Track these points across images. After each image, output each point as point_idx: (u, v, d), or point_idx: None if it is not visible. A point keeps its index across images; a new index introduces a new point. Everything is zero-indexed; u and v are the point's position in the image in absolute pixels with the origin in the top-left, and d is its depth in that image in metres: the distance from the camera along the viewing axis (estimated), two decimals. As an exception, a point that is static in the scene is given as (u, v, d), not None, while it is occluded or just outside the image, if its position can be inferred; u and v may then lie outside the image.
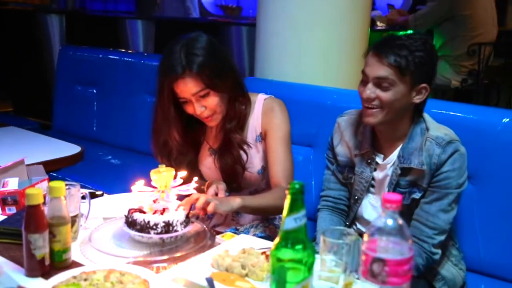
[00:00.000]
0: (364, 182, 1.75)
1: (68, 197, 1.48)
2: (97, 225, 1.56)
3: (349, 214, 1.85)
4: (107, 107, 3.46)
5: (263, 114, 1.84)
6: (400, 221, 0.98)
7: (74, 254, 1.40)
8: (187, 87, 1.65)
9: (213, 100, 1.70)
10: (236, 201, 1.61)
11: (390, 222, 0.98)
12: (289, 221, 1.02)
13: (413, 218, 1.66)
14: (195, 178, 1.58)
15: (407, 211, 1.69)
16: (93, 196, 1.76)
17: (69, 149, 2.45)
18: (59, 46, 5.30)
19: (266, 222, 1.97)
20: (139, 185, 1.50)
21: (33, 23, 5.48)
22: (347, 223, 1.86)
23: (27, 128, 3.89)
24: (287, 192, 1.01)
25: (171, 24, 4.76)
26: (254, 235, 1.80)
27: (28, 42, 5.47)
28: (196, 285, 1.26)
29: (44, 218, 1.29)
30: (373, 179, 1.75)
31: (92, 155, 2.89)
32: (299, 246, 1.03)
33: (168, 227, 1.45)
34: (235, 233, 1.75)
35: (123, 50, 4.34)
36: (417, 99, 1.62)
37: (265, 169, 1.88)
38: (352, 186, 1.80)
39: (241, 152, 1.81)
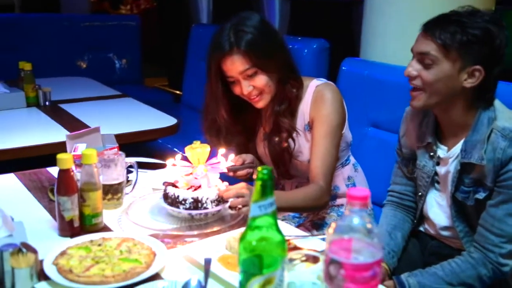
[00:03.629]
0: (426, 177, 1.56)
1: (113, 165, 1.55)
2: (143, 195, 1.62)
3: (416, 212, 1.66)
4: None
5: (312, 102, 1.72)
6: (368, 220, 0.85)
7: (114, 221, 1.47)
8: (235, 65, 1.61)
9: (261, 79, 1.63)
10: None
11: (356, 221, 0.85)
12: (254, 208, 0.94)
13: (479, 223, 1.44)
14: (231, 157, 1.54)
15: (475, 215, 1.47)
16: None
17: (167, 121, 2.55)
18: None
19: (334, 210, 1.87)
20: (176, 159, 1.51)
21: (186, 2, 5.82)
22: (415, 222, 1.68)
23: (160, 101, 4.21)
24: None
25: (306, 3, 4.68)
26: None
27: (181, 21, 5.83)
28: (199, 265, 1.24)
29: (73, 182, 1.37)
30: (436, 174, 1.55)
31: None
32: (264, 236, 0.95)
33: (196, 203, 1.44)
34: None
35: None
36: (468, 83, 1.40)
37: None
38: (416, 181, 1.61)
39: (290, 139, 1.72)
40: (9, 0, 5.93)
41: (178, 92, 5.05)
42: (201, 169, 1.48)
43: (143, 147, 2.98)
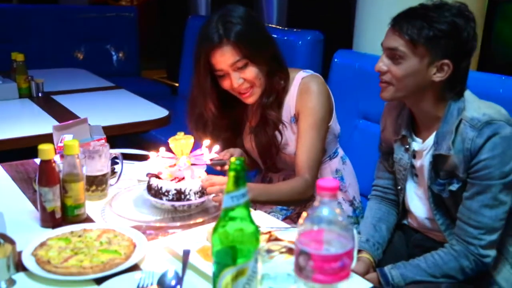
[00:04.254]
0: (403, 170, 1.56)
1: (97, 156, 1.55)
2: (128, 186, 1.61)
3: (399, 206, 1.66)
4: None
5: (298, 94, 1.71)
6: (338, 210, 0.84)
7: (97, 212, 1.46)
8: (224, 57, 1.59)
9: (251, 71, 1.62)
10: (250, 195, 1.51)
11: (326, 211, 0.85)
12: (226, 199, 0.93)
13: (457, 216, 1.44)
14: (216, 148, 1.53)
15: (453, 207, 1.46)
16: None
17: (159, 112, 2.55)
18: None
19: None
20: (160, 151, 1.51)
21: (184, -5, 5.81)
22: (399, 216, 1.68)
23: (156, 92, 4.21)
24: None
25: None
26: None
27: (180, 12, 5.82)
28: (178, 256, 1.24)
29: (54, 173, 1.36)
30: (414, 167, 1.54)
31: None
32: (237, 227, 0.94)
33: (179, 195, 1.44)
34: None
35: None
36: (437, 77, 1.40)
37: None
38: (395, 175, 1.61)
39: (276, 132, 1.71)
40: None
41: (176, 84, 5.05)
42: (184, 160, 1.47)
43: (136, 138, 2.98)
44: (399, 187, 1.62)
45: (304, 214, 0.90)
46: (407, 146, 1.54)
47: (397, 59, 1.41)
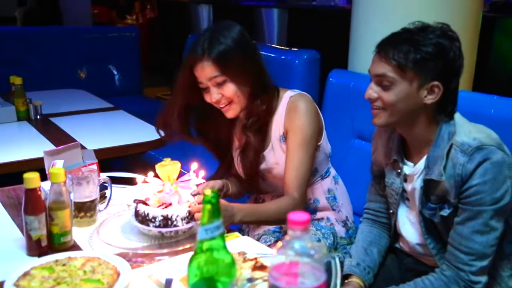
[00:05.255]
0: (394, 194, 1.54)
1: (85, 183, 1.55)
2: (117, 212, 1.61)
3: (391, 229, 1.64)
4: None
5: (286, 113, 1.71)
6: (310, 244, 0.83)
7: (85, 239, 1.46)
8: (204, 71, 1.62)
9: (229, 88, 1.64)
10: (237, 217, 1.52)
11: (297, 245, 0.83)
12: (201, 232, 0.93)
13: (448, 241, 1.42)
14: (201, 174, 1.53)
15: (445, 231, 1.45)
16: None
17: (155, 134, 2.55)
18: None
19: (314, 224, 1.86)
20: (148, 176, 1.51)
21: (187, 13, 5.86)
22: (391, 239, 1.66)
23: (157, 111, 4.21)
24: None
25: (303, 12, 4.68)
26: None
27: (183, 30, 5.87)
28: (161, 285, 1.23)
29: (40, 202, 1.36)
30: (405, 191, 1.53)
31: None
32: (212, 259, 0.94)
33: (166, 221, 1.43)
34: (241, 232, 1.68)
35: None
36: (429, 99, 1.39)
37: None
38: (387, 198, 1.60)
39: (258, 157, 1.72)
40: (11, 13, 6.00)
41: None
42: (169, 186, 1.47)
43: (134, 159, 2.98)
44: (391, 211, 1.60)
45: (279, 244, 0.89)
46: (399, 171, 1.52)
47: (386, 85, 1.39)
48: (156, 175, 1.52)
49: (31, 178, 1.35)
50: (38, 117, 2.80)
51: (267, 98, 1.72)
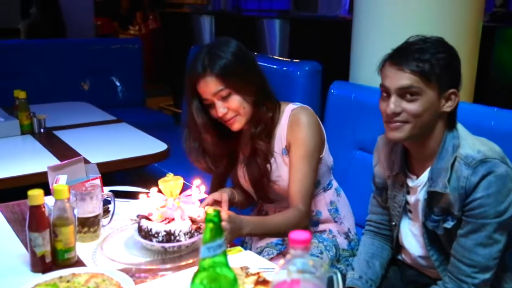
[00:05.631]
0: (397, 206, 1.55)
1: (89, 198, 1.56)
2: (120, 226, 1.62)
3: (393, 241, 1.65)
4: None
5: (289, 126, 1.74)
6: (311, 262, 0.84)
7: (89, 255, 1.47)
8: (208, 87, 1.64)
9: (234, 101, 1.66)
10: (246, 230, 1.55)
11: (298, 264, 0.84)
12: (203, 250, 0.94)
13: (451, 253, 1.42)
14: (203, 189, 1.54)
15: (448, 243, 1.45)
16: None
17: (159, 146, 2.57)
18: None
19: (316, 236, 1.87)
20: (152, 192, 1.52)
21: (189, 23, 5.89)
22: (393, 251, 1.67)
23: (160, 123, 4.25)
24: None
25: (305, 22, 4.71)
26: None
27: (186, 40, 5.90)
28: (165, 301, 1.24)
29: (44, 218, 1.38)
30: (408, 203, 1.53)
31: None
32: (215, 277, 0.94)
33: (169, 236, 1.44)
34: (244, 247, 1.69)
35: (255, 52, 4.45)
36: (447, 107, 1.41)
37: None
38: (389, 210, 1.60)
39: (267, 163, 1.73)
40: (15, 25, 6.04)
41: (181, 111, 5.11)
42: (171, 202, 1.48)
43: (138, 172, 3.00)
44: (393, 223, 1.61)
45: (281, 261, 0.90)
46: (402, 183, 1.53)
47: (412, 95, 1.38)
48: (159, 190, 1.53)
49: (35, 195, 1.36)
50: (42, 130, 2.82)
51: (272, 106, 1.75)
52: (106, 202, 1.68)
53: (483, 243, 1.36)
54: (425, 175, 1.47)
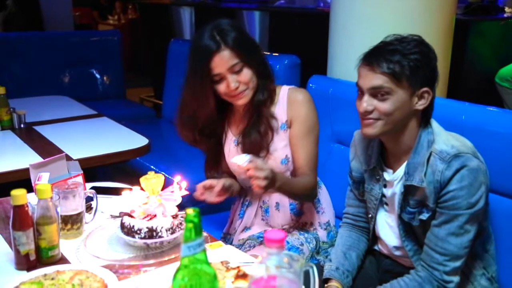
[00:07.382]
0: (374, 199, 1.61)
1: (71, 197, 1.59)
2: (103, 223, 1.65)
3: (370, 233, 1.71)
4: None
5: (288, 103, 1.83)
6: (286, 259, 0.89)
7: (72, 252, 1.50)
8: (223, 61, 1.69)
9: (246, 74, 1.72)
10: (277, 183, 1.62)
11: (274, 261, 0.89)
12: (184, 249, 0.98)
13: (424, 242, 1.49)
14: (184, 185, 1.58)
15: (422, 234, 1.51)
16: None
17: (140, 141, 2.59)
18: (189, 36, 5.63)
19: (298, 228, 1.92)
20: (134, 190, 1.55)
21: (169, 14, 5.87)
22: (370, 242, 1.73)
23: (141, 116, 4.26)
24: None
25: (284, 15, 4.72)
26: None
27: (165, 31, 5.88)
28: (148, 296, 1.27)
29: (27, 218, 1.40)
30: (384, 196, 1.59)
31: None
32: (195, 273, 0.99)
33: (151, 232, 1.48)
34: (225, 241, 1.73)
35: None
36: (420, 105, 1.46)
37: (289, 160, 1.84)
38: (366, 203, 1.66)
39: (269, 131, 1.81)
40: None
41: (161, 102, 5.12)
42: (154, 199, 1.51)
43: (119, 167, 3.01)
44: (370, 215, 1.67)
45: (259, 257, 0.94)
46: (378, 177, 1.59)
47: (382, 95, 1.44)
48: (141, 188, 1.56)
49: (19, 195, 1.38)
50: (22, 126, 2.82)
51: (271, 76, 1.84)
52: (89, 199, 1.71)
53: (455, 233, 1.43)
54: (401, 169, 1.53)
